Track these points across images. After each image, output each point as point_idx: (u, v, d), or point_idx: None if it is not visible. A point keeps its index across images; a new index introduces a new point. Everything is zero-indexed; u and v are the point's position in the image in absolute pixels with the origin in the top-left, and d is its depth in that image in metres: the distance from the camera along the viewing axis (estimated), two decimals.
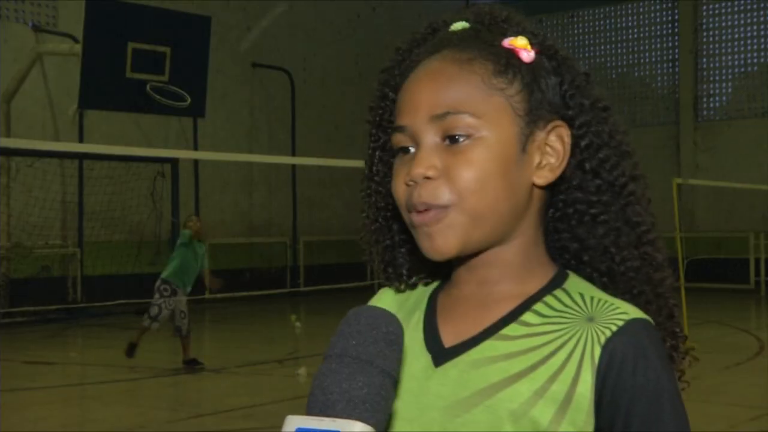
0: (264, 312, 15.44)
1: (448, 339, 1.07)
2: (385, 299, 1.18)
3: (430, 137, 1.03)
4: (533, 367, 1.01)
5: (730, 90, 20.05)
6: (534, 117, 1.04)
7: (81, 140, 14.77)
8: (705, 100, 20.22)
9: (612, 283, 1.09)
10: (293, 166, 18.39)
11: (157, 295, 9.26)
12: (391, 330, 0.90)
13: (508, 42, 1.06)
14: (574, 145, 1.07)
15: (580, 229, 1.09)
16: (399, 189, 1.05)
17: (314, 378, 0.88)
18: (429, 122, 1.03)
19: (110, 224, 15.34)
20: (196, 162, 16.66)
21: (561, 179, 1.08)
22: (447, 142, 1.03)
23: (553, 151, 1.06)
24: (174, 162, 15.04)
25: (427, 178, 1.02)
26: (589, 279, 1.09)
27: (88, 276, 14.83)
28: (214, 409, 7.55)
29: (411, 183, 1.03)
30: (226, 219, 17.92)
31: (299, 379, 8.52)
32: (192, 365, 9.36)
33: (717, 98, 20.19)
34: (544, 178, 1.05)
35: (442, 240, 1.03)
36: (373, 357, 0.87)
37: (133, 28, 12.95)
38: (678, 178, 12.28)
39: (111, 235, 15.39)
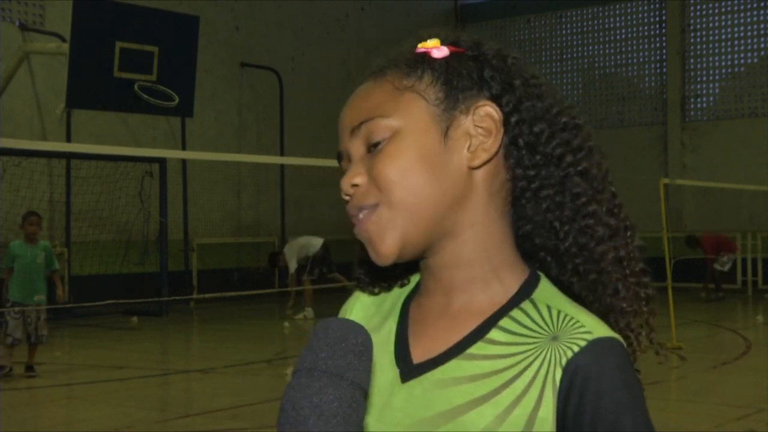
0: (252, 312, 15.42)
1: (417, 354, 1.07)
2: (363, 301, 1.18)
3: (356, 151, 1.07)
4: (497, 391, 1.00)
5: (717, 90, 20.12)
6: (452, 103, 1.06)
7: (68, 140, 14.72)
8: (692, 100, 20.28)
9: (560, 265, 1.08)
10: (281, 166, 18.36)
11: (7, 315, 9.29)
12: (360, 341, 0.89)
13: (420, 46, 1.10)
14: (506, 123, 1.06)
15: (527, 208, 1.08)
16: (347, 207, 1.08)
17: (284, 393, 0.87)
18: (351, 138, 1.07)
19: (98, 224, 15.29)
20: (184, 162, 16.61)
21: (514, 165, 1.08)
22: (372, 150, 1.05)
23: (484, 131, 1.06)
24: (162, 162, 14.99)
25: (355, 185, 1.05)
26: (543, 263, 1.09)
27: (76, 276, 14.78)
28: (202, 409, 7.53)
29: (346, 197, 1.06)
30: (215, 219, 17.88)
31: (288, 379, 8.48)
32: (30, 371, 9.18)
33: (704, 99, 20.25)
34: (478, 159, 1.05)
35: (380, 243, 1.03)
36: (344, 370, 0.86)
37: (121, 27, 12.92)
38: (665, 178, 12.30)
39: (99, 234, 15.34)
